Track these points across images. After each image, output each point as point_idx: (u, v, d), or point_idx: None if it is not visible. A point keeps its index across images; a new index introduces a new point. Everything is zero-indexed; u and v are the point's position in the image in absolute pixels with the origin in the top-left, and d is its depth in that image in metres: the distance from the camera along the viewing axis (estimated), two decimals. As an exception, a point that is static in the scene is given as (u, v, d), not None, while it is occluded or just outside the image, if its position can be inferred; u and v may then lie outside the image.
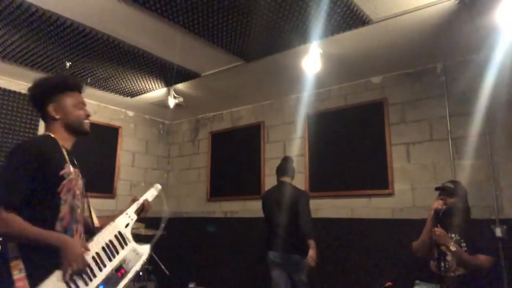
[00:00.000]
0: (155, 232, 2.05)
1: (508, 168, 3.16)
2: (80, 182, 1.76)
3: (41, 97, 1.73)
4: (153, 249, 1.85)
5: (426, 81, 3.69)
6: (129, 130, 5.45)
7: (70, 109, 1.75)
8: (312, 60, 3.34)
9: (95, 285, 1.54)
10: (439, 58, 3.56)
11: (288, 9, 2.71)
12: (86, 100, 1.99)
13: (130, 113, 5.51)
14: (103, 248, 1.64)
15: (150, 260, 3.77)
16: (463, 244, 2.53)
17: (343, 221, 3.97)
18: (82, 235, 1.68)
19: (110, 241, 1.67)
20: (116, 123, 5.28)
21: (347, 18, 2.82)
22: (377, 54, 3.48)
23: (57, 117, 1.72)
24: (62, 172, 1.61)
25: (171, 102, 4.50)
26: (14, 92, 4.24)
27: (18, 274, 1.43)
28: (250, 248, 4.57)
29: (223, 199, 5.12)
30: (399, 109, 3.82)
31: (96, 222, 1.85)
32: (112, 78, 4.12)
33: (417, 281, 2.72)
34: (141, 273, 3.70)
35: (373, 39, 3.19)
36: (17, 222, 1.45)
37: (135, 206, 1.86)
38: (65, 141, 1.74)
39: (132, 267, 1.68)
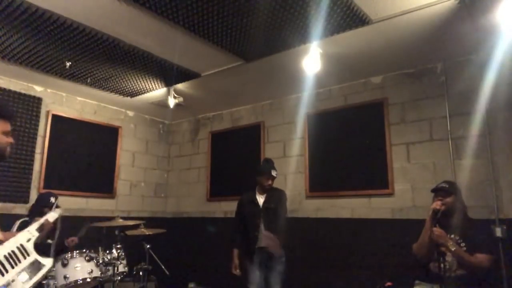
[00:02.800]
0: (155, 231, 2.16)
1: (508, 168, 3.16)
2: None
3: None
4: (55, 263, 2.03)
5: (426, 81, 3.69)
6: (129, 130, 5.45)
7: None
8: (312, 60, 3.34)
9: None
10: (439, 58, 3.56)
11: (288, 9, 2.71)
12: (86, 100, 2.08)
13: (130, 113, 5.51)
14: (5, 256, 1.84)
15: (150, 260, 3.77)
16: (462, 244, 2.54)
17: (343, 221, 3.97)
18: None
19: (12, 252, 1.88)
20: (116, 123, 5.28)
21: (347, 18, 2.82)
22: (377, 54, 3.48)
23: None
24: None
25: (171, 102, 4.50)
26: (14, 92, 4.25)
27: None
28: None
29: (223, 199, 5.12)
30: (399, 109, 3.82)
31: (0, 236, 2.02)
32: (112, 78, 4.12)
33: (417, 281, 2.72)
34: (141, 273, 3.69)
35: (373, 39, 3.19)
36: None
37: (36, 225, 2.07)
38: None
39: (35, 274, 1.90)
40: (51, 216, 2.23)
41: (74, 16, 2.93)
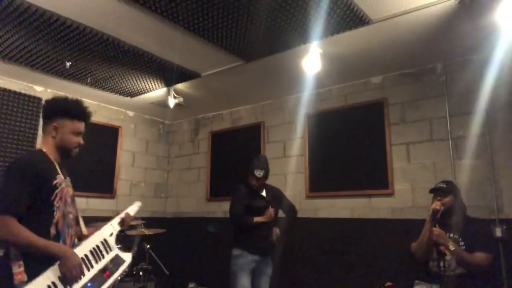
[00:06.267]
0: (156, 231, 2.26)
1: (508, 168, 3.16)
2: (71, 191, 1.98)
3: (48, 115, 1.96)
4: (133, 258, 2.09)
5: (426, 81, 3.69)
6: (129, 130, 5.45)
7: (66, 135, 1.96)
8: (312, 60, 3.34)
9: (84, 282, 1.77)
10: (439, 58, 3.56)
11: (288, 9, 2.71)
12: (86, 100, 2.11)
13: (130, 113, 5.51)
14: (90, 251, 1.89)
15: (150, 260, 3.78)
16: (461, 243, 2.55)
17: (343, 221, 3.97)
18: (73, 238, 1.92)
19: (97, 246, 1.93)
20: (116, 123, 5.28)
21: (347, 18, 2.82)
22: (377, 54, 3.48)
23: (53, 135, 1.95)
24: (54, 182, 1.84)
25: (171, 102, 4.50)
26: (14, 92, 4.25)
27: (18, 268, 1.65)
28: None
29: (223, 199, 5.11)
30: (399, 109, 3.82)
31: (84, 229, 2.06)
32: (112, 78, 4.12)
33: (416, 281, 2.72)
34: (141, 273, 3.70)
35: (373, 39, 3.19)
36: (26, 233, 1.68)
37: (118, 219, 2.13)
38: (55, 156, 1.96)
39: (116, 270, 1.92)
40: (132, 209, 2.25)
41: (74, 16, 2.93)
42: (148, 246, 3.75)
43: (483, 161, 3.26)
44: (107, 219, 3.70)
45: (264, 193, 3.48)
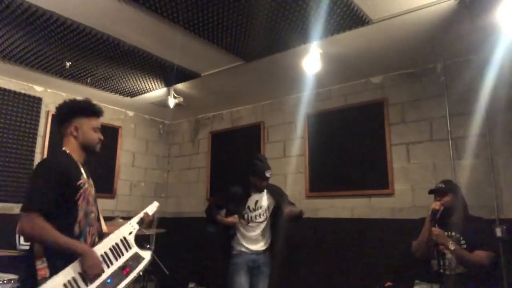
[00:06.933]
0: (156, 231, 2.30)
1: (508, 168, 3.16)
2: (93, 191, 2.04)
3: (66, 116, 2.02)
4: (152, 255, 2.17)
5: (426, 81, 3.69)
6: (129, 130, 5.45)
7: (88, 132, 2.03)
8: (312, 60, 3.34)
9: (104, 278, 1.83)
10: (439, 58, 3.56)
11: (288, 9, 2.71)
12: None
13: (130, 113, 5.51)
14: (110, 249, 1.95)
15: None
16: (462, 241, 2.55)
17: (343, 221, 3.97)
18: (94, 237, 1.98)
19: (116, 244, 1.99)
20: (116, 123, 5.28)
21: (347, 18, 2.82)
22: (377, 54, 3.48)
23: (75, 135, 2.01)
24: (79, 182, 1.91)
25: (171, 102, 4.50)
26: (14, 92, 4.25)
27: (41, 264, 1.73)
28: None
29: (223, 199, 5.11)
30: (399, 109, 3.82)
31: (104, 228, 2.12)
32: (112, 78, 4.12)
33: (417, 281, 2.73)
34: (141, 273, 3.69)
35: (373, 39, 3.19)
36: (50, 230, 1.73)
37: (137, 218, 2.20)
38: (78, 156, 2.02)
39: (136, 267, 2.00)
40: (150, 209, 2.34)
41: (74, 16, 2.93)
42: (148, 246, 3.74)
43: (483, 161, 3.26)
44: (108, 219, 3.71)
45: (265, 192, 3.41)
